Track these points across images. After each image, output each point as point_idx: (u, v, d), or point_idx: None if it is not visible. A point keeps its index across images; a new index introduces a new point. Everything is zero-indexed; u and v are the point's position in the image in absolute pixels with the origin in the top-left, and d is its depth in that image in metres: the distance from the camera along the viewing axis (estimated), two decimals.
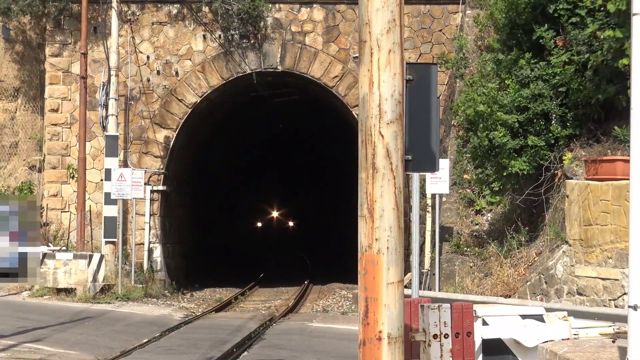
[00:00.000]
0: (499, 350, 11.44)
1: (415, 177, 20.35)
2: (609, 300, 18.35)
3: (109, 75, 31.34)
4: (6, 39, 34.44)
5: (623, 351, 9.93)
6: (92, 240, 31.93)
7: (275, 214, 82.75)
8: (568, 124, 22.04)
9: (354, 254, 8.95)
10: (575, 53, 21.31)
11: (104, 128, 31.29)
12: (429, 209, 25.86)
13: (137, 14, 33.35)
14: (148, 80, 33.27)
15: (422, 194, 24.56)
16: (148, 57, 33.29)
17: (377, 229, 7.77)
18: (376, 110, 7.81)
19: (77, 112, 31.79)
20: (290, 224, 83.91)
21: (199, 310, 28.98)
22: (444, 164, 23.45)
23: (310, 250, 64.27)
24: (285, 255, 64.02)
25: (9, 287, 29.58)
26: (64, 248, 30.89)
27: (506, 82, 22.59)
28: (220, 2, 32.75)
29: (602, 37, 19.93)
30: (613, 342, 11.47)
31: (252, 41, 33.22)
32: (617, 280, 18.19)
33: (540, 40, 22.01)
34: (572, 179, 20.48)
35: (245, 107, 41.13)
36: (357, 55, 10.37)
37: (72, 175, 32.66)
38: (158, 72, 33.27)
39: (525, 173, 22.14)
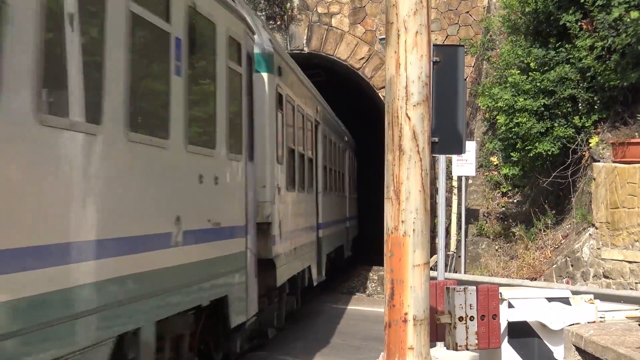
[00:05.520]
0: (524, 332, 11.42)
1: (442, 159, 20.32)
2: (636, 283, 18.30)
3: None
4: None
5: None
6: None
7: None
8: (595, 107, 21.91)
9: (379, 236, 8.93)
10: (601, 37, 21.12)
11: None
12: (455, 191, 25.81)
13: None
14: None
15: (449, 176, 24.51)
16: None
17: (403, 211, 7.75)
18: (403, 92, 7.78)
19: None
20: None
21: None
22: (471, 146, 23.38)
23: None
24: None
25: None
26: None
27: (531, 65, 22.44)
28: None
29: (628, 19, 19.74)
30: (639, 325, 11.44)
31: (278, 22, 33.17)
32: None
33: (567, 23, 21.84)
34: (599, 161, 20.39)
35: None
36: (383, 36, 10.35)
37: None
38: None
39: (550, 154, 22.05)
